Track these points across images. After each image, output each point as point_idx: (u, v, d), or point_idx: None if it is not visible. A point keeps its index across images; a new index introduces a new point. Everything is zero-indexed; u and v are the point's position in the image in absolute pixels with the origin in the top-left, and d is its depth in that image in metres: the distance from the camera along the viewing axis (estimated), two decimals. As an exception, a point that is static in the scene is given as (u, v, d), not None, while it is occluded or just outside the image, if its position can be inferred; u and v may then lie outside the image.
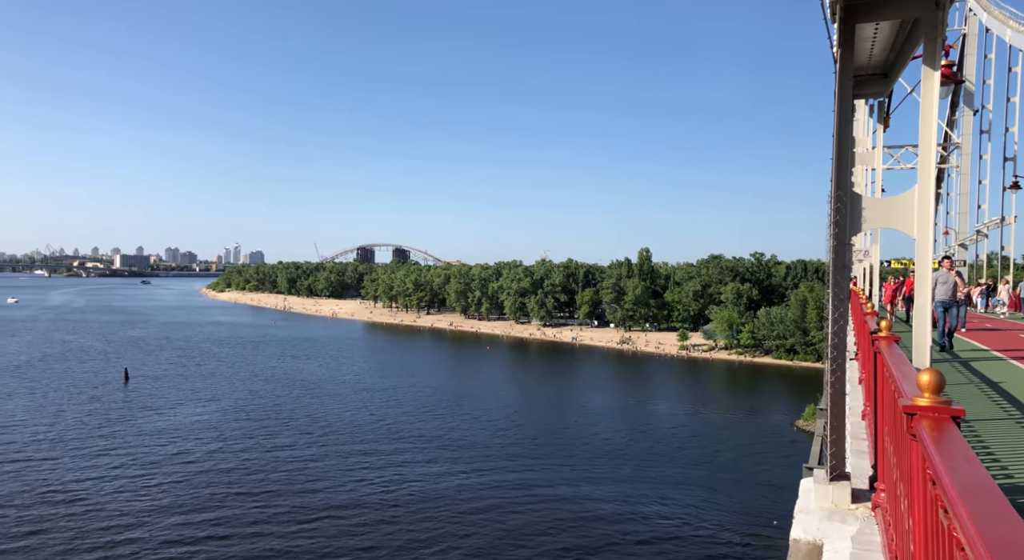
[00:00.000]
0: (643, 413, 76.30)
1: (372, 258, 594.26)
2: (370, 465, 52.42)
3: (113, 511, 41.47)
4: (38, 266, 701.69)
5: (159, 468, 50.22)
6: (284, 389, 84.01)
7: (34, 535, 37.58)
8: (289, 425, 64.90)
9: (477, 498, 45.39)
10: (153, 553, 35.94)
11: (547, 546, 37.85)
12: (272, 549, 37.07)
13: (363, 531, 39.46)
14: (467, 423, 67.56)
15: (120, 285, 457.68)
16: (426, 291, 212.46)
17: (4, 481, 46.14)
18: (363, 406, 74.74)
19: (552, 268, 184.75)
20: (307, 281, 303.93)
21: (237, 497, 44.66)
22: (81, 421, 64.05)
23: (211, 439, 58.94)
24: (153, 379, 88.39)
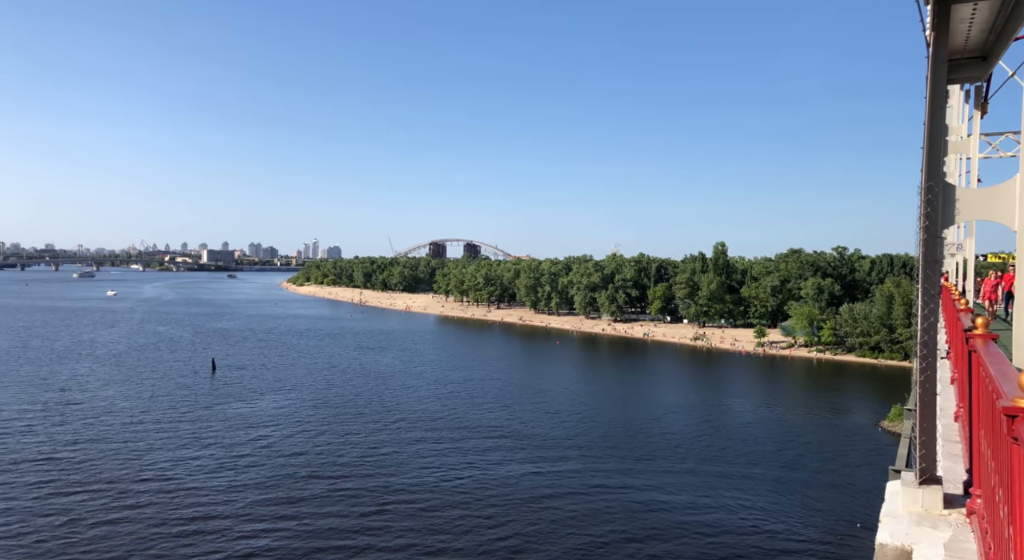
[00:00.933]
0: (717, 410, 74.66)
1: (444, 253, 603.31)
2: (441, 454, 53.39)
3: (200, 490, 43.84)
4: (134, 261, 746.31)
5: (243, 452, 52.66)
6: (360, 380, 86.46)
7: (130, 509, 40.15)
8: (364, 414, 66.79)
9: (544, 489, 45.55)
10: (236, 529, 37.80)
11: (613, 538, 37.64)
12: (345, 529, 38.50)
13: (432, 516, 40.27)
14: (536, 416, 67.82)
15: (207, 279, 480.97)
16: (496, 286, 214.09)
17: (106, 461, 49.41)
18: (435, 398, 76.11)
19: (623, 263, 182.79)
20: (382, 275, 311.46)
21: (314, 480, 46.39)
22: (173, 408, 67.82)
23: (291, 426, 61.33)
24: (238, 369, 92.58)
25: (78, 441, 54.77)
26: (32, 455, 50.66)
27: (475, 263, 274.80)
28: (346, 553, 35.93)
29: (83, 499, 41.97)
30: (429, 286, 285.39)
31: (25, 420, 61.19)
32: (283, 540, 37.34)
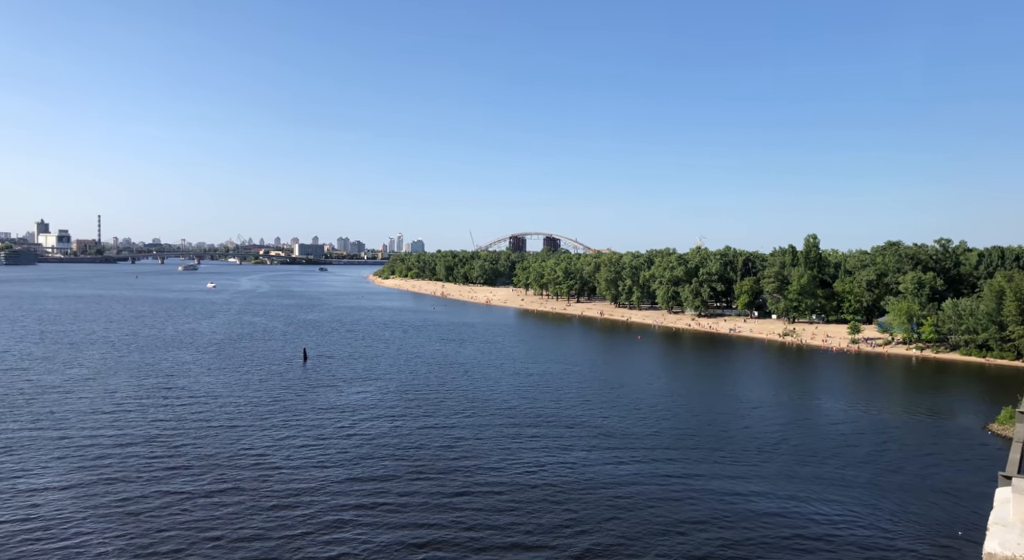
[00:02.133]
0: (806, 408, 71.84)
1: (524, 247, 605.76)
2: (521, 444, 53.78)
3: (292, 471, 45.93)
4: (231, 254, 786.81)
5: (332, 437, 54.79)
6: (443, 371, 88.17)
7: (229, 486, 42.56)
8: (446, 404, 68.10)
9: (623, 483, 45.13)
10: (325, 508, 39.44)
11: (693, 537, 36.89)
12: (425, 512, 39.43)
13: (508, 504, 40.64)
14: (616, 411, 67.24)
15: (299, 272, 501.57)
16: (576, 279, 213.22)
17: (207, 442, 52.53)
18: (515, 389, 76.71)
19: (708, 256, 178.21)
20: (463, 269, 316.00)
21: (398, 464, 47.73)
22: (268, 394, 71.27)
23: (377, 414, 63.29)
24: (328, 359, 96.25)
25: (182, 423, 58.47)
26: (142, 436, 54.47)
27: (555, 257, 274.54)
28: (425, 535, 36.92)
29: (187, 477, 44.82)
30: (509, 279, 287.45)
31: (136, 403, 65.80)
32: (367, 518, 38.81)
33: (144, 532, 36.50)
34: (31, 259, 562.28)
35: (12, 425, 56.70)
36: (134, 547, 34.74)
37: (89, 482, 43.61)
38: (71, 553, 33.90)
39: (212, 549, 34.73)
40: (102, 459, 48.30)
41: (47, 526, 36.82)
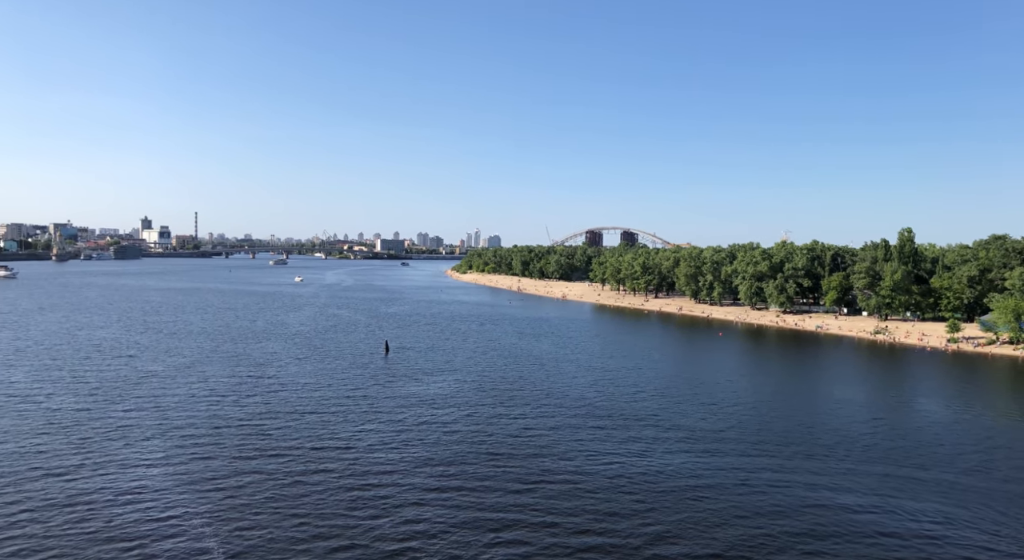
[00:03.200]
0: (900, 409, 68.29)
1: (600, 241, 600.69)
2: (596, 438, 53.55)
3: (374, 457, 47.45)
4: (317, 249, 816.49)
5: (411, 426, 56.20)
6: (519, 364, 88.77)
7: (314, 471, 44.37)
8: (522, 396, 68.56)
9: (698, 478, 44.23)
10: (403, 493, 40.57)
11: (769, 532, 35.77)
12: (497, 500, 40.07)
13: (582, 496, 40.58)
14: (694, 407, 65.91)
15: (381, 266, 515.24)
16: (654, 274, 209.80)
17: (292, 429, 54.92)
18: (590, 384, 76.38)
19: (794, 250, 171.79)
20: (539, 264, 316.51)
21: (473, 453, 48.51)
22: (352, 385, 73.74)
23: (455, 405, 64.43)
24: (408, 351, 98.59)
25: (271, 409, 61.33)
26: (234, 419, 57.49)
27: (632, 251, 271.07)
28: (497, 518, 37.66)
29: (276, 459, 47.05)
30: (585, 274, 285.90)
31: (229, 389, 69.43)
32: (442, 502, 39.96)
33: (234, 508, 38.74)
34: (136, 254, 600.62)
35: (120, 408, 60.98)
36: (224, 520, 36.97)
37: (186, 461, 46.46)
38: (169, 524, 36.30)
39: (297, 525, 36.50)
40: (198, 440, 51.34)
41: (149, 499, 39.52)
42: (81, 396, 65.16)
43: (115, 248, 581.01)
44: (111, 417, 57.69)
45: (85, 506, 38.60)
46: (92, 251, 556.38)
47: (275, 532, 35.99)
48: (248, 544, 34.49)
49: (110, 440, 51.10)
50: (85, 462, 46.00)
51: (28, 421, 55.98)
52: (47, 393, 66.13)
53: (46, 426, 54.56)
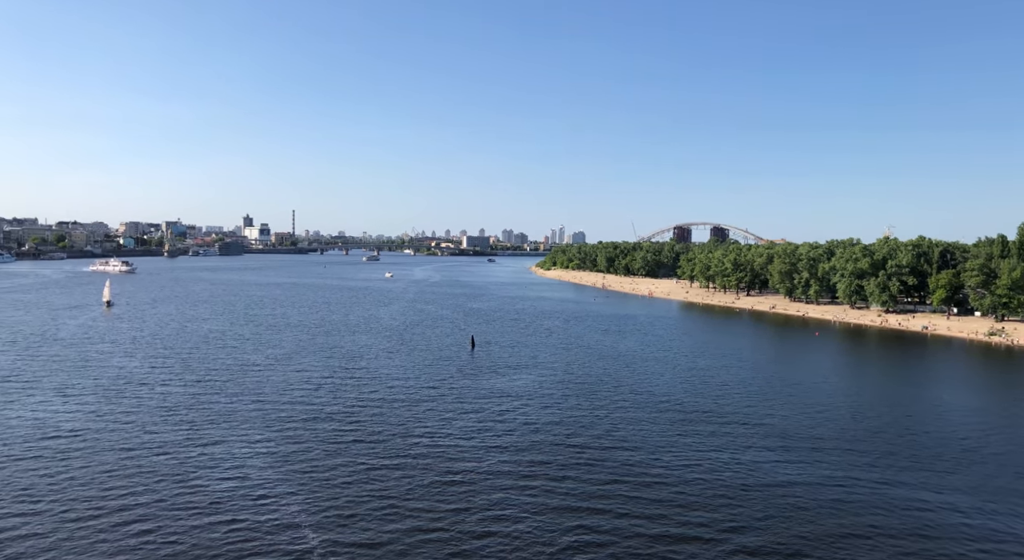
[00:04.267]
0: (1019, 417, 63.26)
1: (688, 237, 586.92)
2: (681, 435, 52.40)
3: (460, 448, 48.32)
4: (406, 246, 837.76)
5: (495, 420, 56.81)
6: (603, 361, 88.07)
7: (403, 459, 45.66)
8: (606, 393, 67.97)
9: (788, 483, 42.48)
10: (485, 484, 41.11)
11: (859, 541, 33.93)
12: (579, 497, 39.99)
13: (663, 495, 39.84)
14: (786, 409, 63.36)
15: (467, 263, 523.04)
16: (746, 271, 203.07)
17: (382, 419, 56.68)
18: (677, 382, 74.82)
19: (898, 247, 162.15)
20: (624, 260, 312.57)
21: (555, 449, 48.48)
22: (439, 378, 75.32)
23: (540, 400, 64.63)
24: (493, 346, 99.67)
25: (362, 400, 63.51)
26: (328, 410, 59.90)
27: (722, 247, 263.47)
28: (578, 515, 37.68)
29: (366, 447, 48.74)
30: (672, 271, 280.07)
31: (323, 380, 72.36)
32: (525, 495, 40.36)
33: (326, 489, 40.63)
34: (239, 250, 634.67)
35: (223, 395, 64.73)
36: (316, 501, 38.87)
37: (282, 445, 48.85)
38: (265, 502, 38.45)
39: (385, 508, 37.99)
40: (294, 426, 53.87)
41: (248, 478, 41.83)
42: (189, 383, 69.59)
43: (220, 245, 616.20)
44: (216, 403, 61.34)
45: (192, 483, 41.32)
46: (199, 247, 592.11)
47: (363, 513, 37.55)
48: (338, 524, 36.18)
49: (215, 425, 54.34)
50: (193, 443, 49.16)
51: (144, 405, 60.34)
52: (160, 380, 70.99)
53: (159, 409, 58.66)
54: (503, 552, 33.67)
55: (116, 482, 41.48)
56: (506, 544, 34.50)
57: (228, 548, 33.34)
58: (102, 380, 70.28)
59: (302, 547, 33.65)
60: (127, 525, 35.53)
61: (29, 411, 57.61)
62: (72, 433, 51.44)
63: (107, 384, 68.45)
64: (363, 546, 34.06)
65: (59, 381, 69.42)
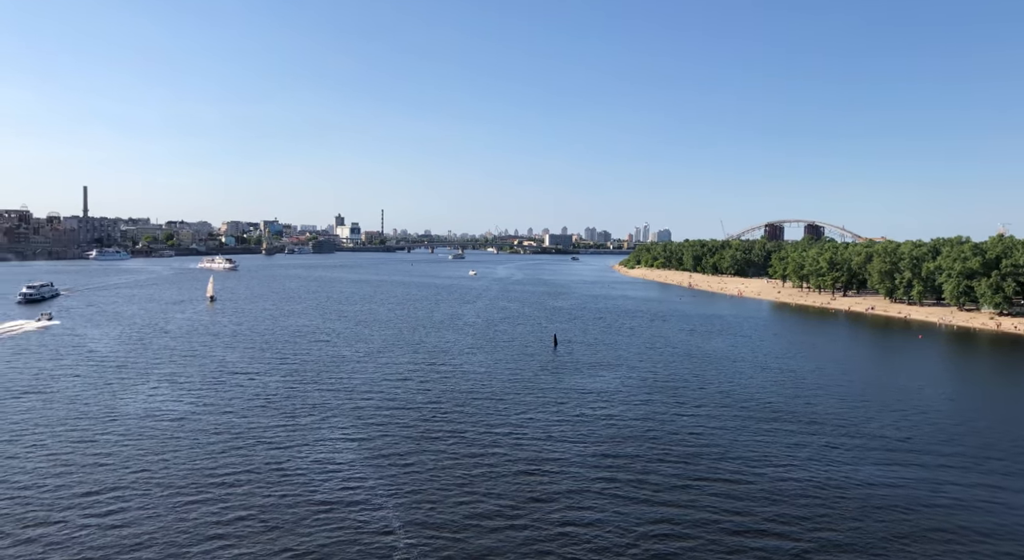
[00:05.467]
0: None
1: (780, 235, 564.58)
2: (769, 440, 50.53)
3: (543, 444, 48.46)
4: (490, 244, 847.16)
5: (577, 417, 56.67)
6: (688, 361, 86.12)
7: (485, 452, 46.31)
8: (691, 394, 66.41)
9: (886, 492, 40.16)
10: (566, 479, 41.07)
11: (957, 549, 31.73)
12: (659, 494, 39.62)
13: (746, 494, 38.59)
14: (886, 414, 59.94)
15: (548, 261, 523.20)
16: (842, 271, 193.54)
17: (465, 413, 57.59)
18: (766, 384, 72.20)
19: (1013, 245, 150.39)
20: (712, 259, 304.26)
21: (637, 447, 47.93)
22: (522, 375, 75.80)
23: (622, 398, 63.95)
24: (575, 344, 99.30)
25: (447, 394, 64.74)
26: (414, 402, 61.45)
27: (817, 245, 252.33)
28: (659, 511, 37.30)
29: (450, 440, 49.75)
30: (763, 270, 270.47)
31: (411, 374, 74.20)
32: (606, 490, 40.31)
33: (411, 480, 41.84)
34: (331, 248, 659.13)
35: (316, 387, 67.51)
36: (401, 490, 40.19)
37: (370, 436, 50.58)
38: (353, 490, 40.01)
39: (466, 499, 38.89)
40: (381, 418, 55.55)
41: (337, 467, 43.52)
42: (285, 375, 72.94)
43: (313, 243, 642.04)
44: (309, 394, 64.05)
45: (286, 468, 43.58)
46: (295, 245, 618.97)
47: (445, 499, 38.77)
48: (420, 508, 37.58)
49: (308, 414, 56.78)
50: (287, 431, 51.61)
51: (244, 394, 63.75)
52: (257, 372, 74.73)
53: (257, 398, 61.84)
54: (581, 543, 34.02)
55: (216, 465, 44.13)
56: (584, 536, 34.89)
57: (318, 527, 35.10)
58: (206, 370, 74.71)
59: (386, 529, 35.19)
60: (226, 504, 37.79)
61: (141, 398, 62.00)
62: (178, 418, 55.02)
63: (210, 374, 72.72)
64: (444, 529, 35.32)
65: (168, 370, 74.29)
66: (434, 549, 33.32)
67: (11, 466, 43.46)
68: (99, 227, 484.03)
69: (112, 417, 55.11)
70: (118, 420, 54.29)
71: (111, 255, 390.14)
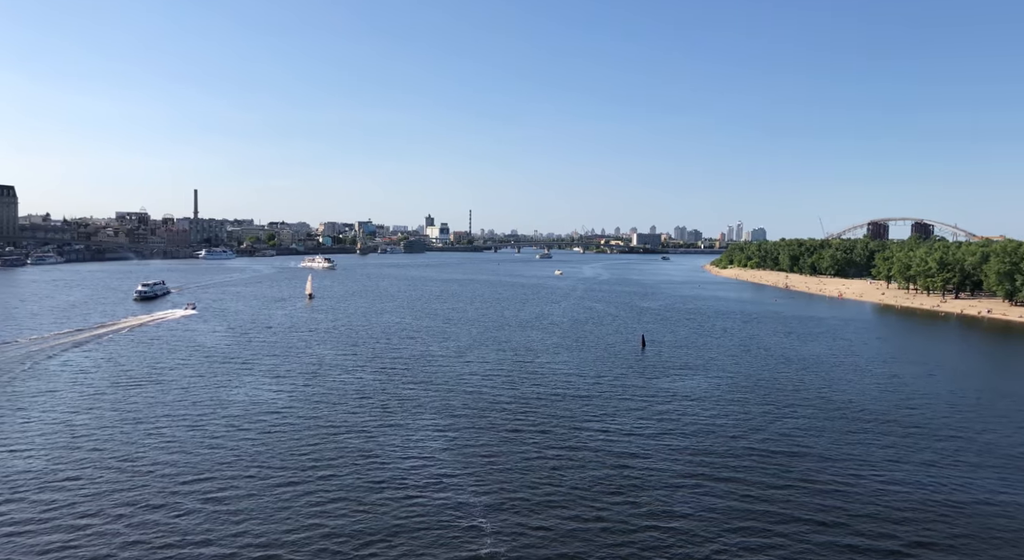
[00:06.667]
0: None
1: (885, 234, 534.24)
2: (872, 445, 47.89)
3: (625, 445, 47.88)
4: (575, 244, 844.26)
5: (666, 416, 55.72)
6: (783, 366, 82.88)
7: (571, 448, 46.25)
8: (786, 397, 63.91)
9: (1002, 500, 37.23)
10: (656, 474, 40.40)
11: None
12: (751, 496, 37.96)
13: (850, 505, 36.69)
14: (1007, 425, 55.58)
15: (636, 260, 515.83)
16: (954, 272, 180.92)
17: (554, 410, 57.74)
18: (871, 390, 68.43)
19: None
20: (810, 259, 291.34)
21: (729, 449, 46.58)
22: (609, 374, 75.20)
23: (713, 401, 62.35)
24: (664, 346, 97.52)
25: (535, 391, 65.16)
26: (500, 400, 62.17)
27: (926, 245, 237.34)
28: (746, 515, 36.15)
29: (538, 435, 50.09)
30: (866, 271, 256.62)
31: (497, 371, 75.08)
32: (693, 493, 39.60)
33: (496, 473, 42.54)
34: (421, 248, 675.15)
35: (406, 383, 69.44)
36: (487, 482, 40.94)
37: (457, 430, 51.58)
38: (440, 481, 41.08)
39: (551, 497, 38.96)
40: (468, 413, 56.55)
41: (425, 459, 44.71)
42: (377, 370, 75.45)
43: (404, 243, 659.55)
44: (399, 389, 66.01)
45: (377, 459, 45.25)
46: (387, 245, 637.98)
47: (530, 497, 39.08)
48: (508, 504, 38.07)
49: (398, 409, 58.55)
50: (379, 424, 53.45)
51: (339, 388, 66.47)
52: (351, 367, 77.64)
53: (351, 393, 64.32)
54: (666, 545, 33.60)
55: (313, 453, 46.30)
56: (672, 532, 34.64)
57: (408, 515, 36.36)
58: (304, 364, 78.30)
59: (472, 518, 36.11)
60: (322, 490, 39.65)
61: (244, 390, 65.70)
62: (279, 409, 57.99)
63: (308, 368, 76.15)
64: (531, 520, 35.85)
65: (269, 364, 78.34)
66: (520, 538, 33.86)
67: (134, 448, 47.10)
68: (207, 228, 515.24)
69: (220, 406, 58.73)
70: (225, 409, 57.78)
71: (218, 254, 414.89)
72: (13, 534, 33.79)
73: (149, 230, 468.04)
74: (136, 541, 33.23)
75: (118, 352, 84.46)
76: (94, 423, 53.01)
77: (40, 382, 66.92)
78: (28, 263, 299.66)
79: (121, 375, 70.71)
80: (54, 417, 54.69)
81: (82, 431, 50.88)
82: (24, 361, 77.13)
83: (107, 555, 31.83)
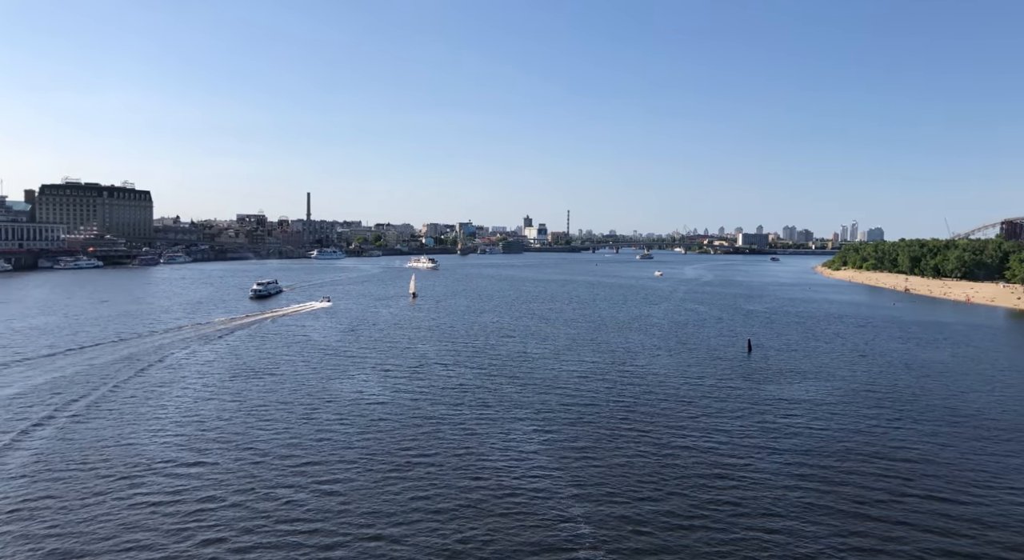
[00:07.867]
0: None
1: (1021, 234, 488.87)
2: (999, 456, 43.96)
3: (729, 451, 46.38)
4: (677, 244, 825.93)
5: (773, 425, 53.52)
6: (905, 371, 77.61)
7: (671, 451, 45.30)
8: (904, 406, 59.78)
9: None
10: (757, 487, 38.79)
11: None
12: (860, 507, 35.61)
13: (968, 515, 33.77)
14: None
15: (741, 261, 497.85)
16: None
17: (650, 414, 56.70)
18: (1005, 402, 62.82)
19: None
20: (933, 260, 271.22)
21: (839, 457, 44.15)
22: (713, 378, 73.12)
23: (824, 408, 59.32)
24: (772, 350, 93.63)
25: (635, 392, 64.31)
26: (598, 400, 61.71)
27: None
28: (852, 521, 34.02)
29: (636, 439, 49.38)
30: (998, 273, 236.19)
31: (592, 373, 74.62)
32: (799, 502, 37.91)
33: (592, 474, 42.35)
34: (519, 248, 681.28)
35: (503, 381, 70.35)
36: (587, 483, 40.84)
37: (554, 429, 51.73)
38: (535, 477, 41.32)
39: (648, 496, 38.53)
40: (566, 413, 56.56)
41: (521, 455, 45.06)
42: (476, 369, 76.76)
43: (503, 243, 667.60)
44: (498, 388, 66.89)
45: (475, 454, 46.10)
46: (486, 246, 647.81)
47: (631, 498, 38.71)
48: (606, 504, 37.87)
49: (496, 406, 59.38)
50: (477, 420, 54.44)
51: (440, 385, 68.19)
52: (452, 364, 79.40)
53: (452, 389, 65.86)
54: (771, 547, 32.81)
55: (414, 446, 47.76)
56: (775, 541, 33.60)
57: (505, 511, 36.87)
58: (407, 361, 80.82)
59: (569, 517, 36.16)
60: (422, 482, 40.86)
61: (352, 383, 68.61)
62: (383, 403, 60.20)
63: (411, 364, 78.54)
64: (629, 522, 35.62)
65: (375, 360, 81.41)
66: (619, 540, 33.61)
67: (249, 437, 50.27)
68: (319, 229, 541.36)
69: (329, 398, 61.65)
70: (334, 401, 60.60)
71: (329, 254, 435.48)
72: (149, 506, 36.95)
73: (266, 231, 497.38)
74: (254, 524, 35.47)
75: (238, 346, 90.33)
76: (217, 412, 56.96)
77: (171, 372, 72.64)
78: (161, 262, 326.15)
79: (241, 367, 75.60)
80: (183, 405, 59.24)
81: (207, 419, 54.81)
82: (157, 351, 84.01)
83: (223, 538, 34.15)
